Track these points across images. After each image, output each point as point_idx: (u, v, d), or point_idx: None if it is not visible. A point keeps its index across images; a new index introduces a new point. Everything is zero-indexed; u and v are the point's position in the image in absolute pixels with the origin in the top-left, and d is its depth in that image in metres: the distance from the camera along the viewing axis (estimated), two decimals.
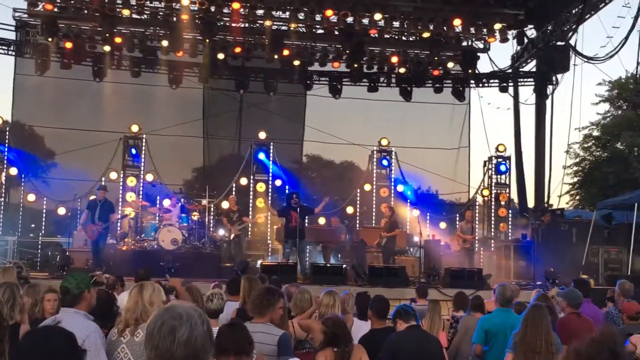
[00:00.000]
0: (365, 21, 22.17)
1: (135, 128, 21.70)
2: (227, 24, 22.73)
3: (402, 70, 24.89)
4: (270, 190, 22.06)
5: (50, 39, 22.15)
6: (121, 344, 5.36)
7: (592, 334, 2.89)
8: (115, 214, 18.95)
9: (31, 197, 21.59)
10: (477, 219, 22.41)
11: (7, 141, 21.01)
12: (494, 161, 23.17)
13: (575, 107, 27.65)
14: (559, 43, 23.89)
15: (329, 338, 6.34)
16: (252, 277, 8.40)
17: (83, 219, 18.51)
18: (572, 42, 22.91)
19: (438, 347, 7.38)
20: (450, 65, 24.84)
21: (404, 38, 24.04)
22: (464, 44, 24.37)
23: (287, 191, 21.03)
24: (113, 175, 21.59)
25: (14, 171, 21.18)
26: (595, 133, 37.39)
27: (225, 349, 4.62)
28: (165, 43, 22.45)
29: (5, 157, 21.02)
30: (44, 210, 21.60)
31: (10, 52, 23.91)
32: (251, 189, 21.98)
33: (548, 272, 17.10)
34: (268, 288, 6.59)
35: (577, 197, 38.14)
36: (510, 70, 26.64)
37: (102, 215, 17.70)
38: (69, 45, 22.43)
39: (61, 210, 21.40)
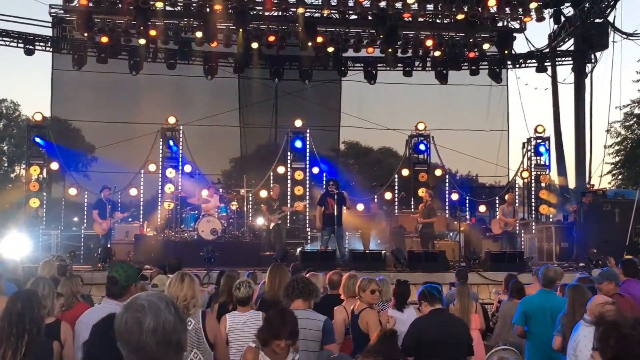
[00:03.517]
0: (399, 5, 22.02)
1: (172, 120, 21.83)
2: (260, 12, 22.76)
3: (437, 53, 24.63)
4: (308, 178, 22.05)
5: (86, 34, 22.40)
6: None
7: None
8: (118, 212, 19.63)
9: (72, 191, 21.89)
10: (517, 201, 22.15)
11: (47, 137, 21.29)
12: (533, 142, 22.84)
13: (615, 85, 27.24)
14: (596, 20, 23.46)
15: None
16: (278, 265, 8.40)
17: (95, 216, 18.87)
18: (610, 18, 22.52)
19: (464, 330, 7.21)
20: (485, 46, 24.51)
21: (438, 21, 23.83)
22: (499, 24, 24.05)
23: (324, 179, 21.01)
24: (152, 167, 21.78)
25: (55, 166, 21.46)
26: (637, 111, 36.70)
27: (278, 334, 4.86)
28: (199, 34, 22.56)
29: (46, 153, 21.31)
30: (86, 204, 21.87)
31: (47, 49, 24.21)
32: (289, 177, 21.98)
33: (591, 253, 16.83)
34: (305, 277, 6.65)
35: (620, 177, 37.52)
36: (547, 50, 26.21)
37: (111, 212, 18.74)
38: (104, 39, 22.60)
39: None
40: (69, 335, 5.69)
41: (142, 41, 22.93)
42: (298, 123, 22.39)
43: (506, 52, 24.55)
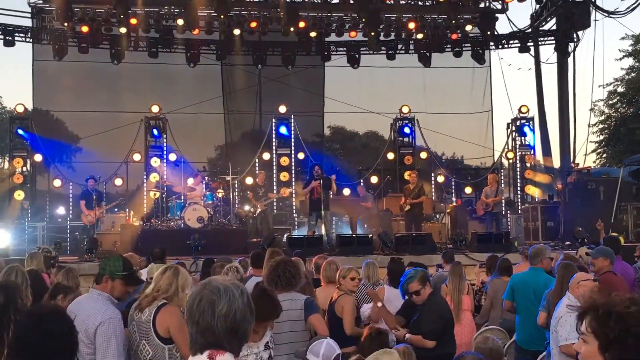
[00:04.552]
0: None
1: (155, 108, 21.74)
2: None
3: (419, 36, 24.57)
4: (293, 163, 22.03)
5: (66, 24, 22.16)
6: (133, 320, 5.46)
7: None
8: (103, 204, 19.48)
9: (57, 183, 21.80)
10: (502, 181, 22.23)
11: (30, 128, 21.14)
12: (518, 123, 22.94)
13: (598, 63, 27.30)
14: None
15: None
16: (276, 250, 8.40)
17: (82, 207, 18.75)
18: None
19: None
20: (468, 28, 24.47)
21: (420, 3, 23.81)
22: (481, 5, 24.08)
23: (310, 164, 21.02)
24: (137, 157, 21.70)
25: (38, 158, 21.34)
26: (620, 89, 36.79)
27: (269, 317, 5.26)
28: (180, 22, 22.42)
29: (30, 144, 21.18)
30: (71, 195, 21.77)
31: (27, 39, 23.98)
32: (274, 163, 21.98)
33: (576, 231, 16.95)
34: (289, 263, 6.64)
35: (604, 155, 37.68)
36: (529, 30, 26.23)
37: (97, 203, 18.68)
38: (85, 29, 22.42)
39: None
40: None
41: (123, 30, 22.75)
42: (282, 109, 22.36)
43: (489, 33, 24.55)
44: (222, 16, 22.50)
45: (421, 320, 6.96)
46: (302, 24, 23.07)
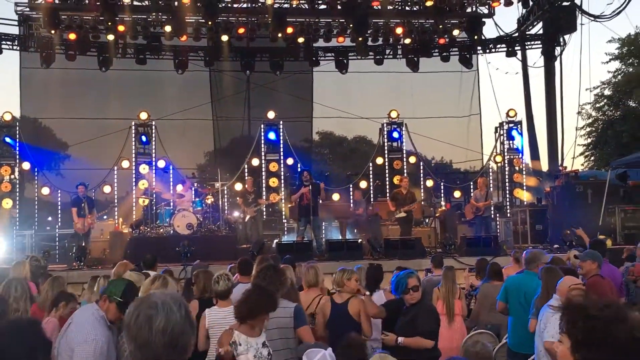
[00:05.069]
0: None
1: (144, 115, 21.66)
2: (229, 4, 22.64)
3: (407, 40, 24.64)
4: (282, 169, 22.03)
5: (53, 31, 22.11)
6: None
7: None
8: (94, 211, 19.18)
9: (45, 191, 21.65)
10: (491, 185, 22.29)
11: (17, 136, 21.06)
12: (506, 127, 22.99)
13: (584, 67, 27.47)
14: (564, 3, 23.65)
15: None
16: (264, 258, 8.43)
17: (74, 215, 18.58)
18: (577, 1, 22.66)
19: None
20: (455, 32, 24.54)
21: (407, 8, 23.88)
22: (468, 10, 24.15)
23: (299, 169, 21.02)
24: (125, 164, 21.62)
25: (26, 166, 21.23)
26: (607, 92, 36.98)
27: (267, 309, 5.55)
28: (168, 28, 22.42)
29: (18, 152, 21.08)
30: (59, 203, 21.67)
31: (14, 47, 23.90)
32: (263, 169, 21.97)
33: (565, 234, 17.03)
34: (276, 268, 6.74)
35: (592, 158, 37.82)
36: (516, 34, 26.35)
37: (89, 210, 18.37)
38: (72, 36, 22.39)
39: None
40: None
41: (111, 37, 22.70)
42: (271, 115, 22.35)
43: (476, 37, 24.65)
44: (209, 22, 22.54)
45: (417, 320, 6.93)
46: (289, 30, 23.12)
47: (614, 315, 2.62)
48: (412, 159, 23.35)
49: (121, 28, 22.22)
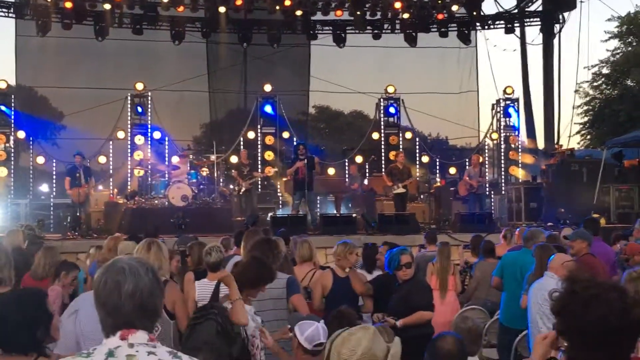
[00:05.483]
0: None
1: (140, 86, 21.57)
2: None
3: (405, 15, 24.51)
4: (278, 142, 21.99)
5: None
6: None
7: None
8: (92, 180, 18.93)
9: (40, 160, 21.61)
10: (487, 162, 22.30)
11: (12, 105, 20.95)
12: (502, 104, 22.96)
13: (583, 45, 27.35)
14: None
15: None
16: (253, 231, 8.40)
17: (67, 184, 18.47)
18: None
19: None
20: (454, 8, 24.43)
21: None
22: None
23: (294, 143, 20.97)
24: (120, 135, 21.57)
25: (21, 134, 21.14)
26: (605, 71, 36.85)
27: (265, 280, 5.51)
28: None
29: (13, 121, 20.99)
30: (54, 172, 21.64)
31: (10, 15, 23.73)
32: (259, 142, 21.93)
33: (559, 213, 17.08)
34: (270, 241, 6.77)
35: (588, 137, 37.79)
36: (515, 11, 26.24)
37: (85, 179, 18.09)
38: (68, 4, 22.21)
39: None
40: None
41: (107, 6, 22.55)
42: (267, 88, 22.26)
43: (474, 13, 24.55)
44: None
45: (411, 296, 6.98)
46: (288, 2, 22.96)
47: (594, 293, 2.62)
48: (408, 135, 23.32)
49: None
